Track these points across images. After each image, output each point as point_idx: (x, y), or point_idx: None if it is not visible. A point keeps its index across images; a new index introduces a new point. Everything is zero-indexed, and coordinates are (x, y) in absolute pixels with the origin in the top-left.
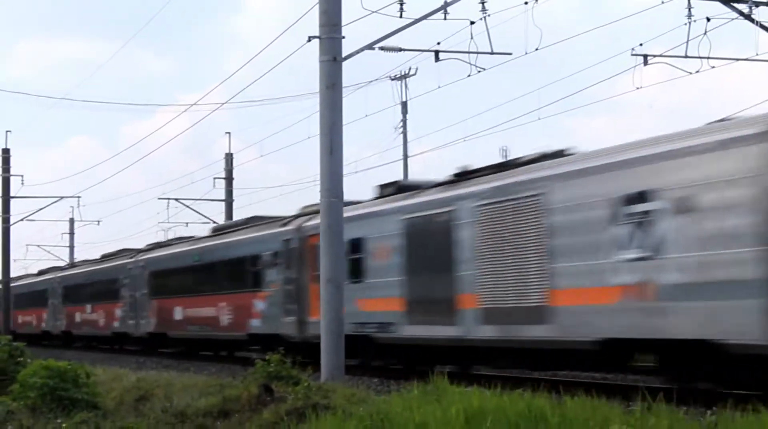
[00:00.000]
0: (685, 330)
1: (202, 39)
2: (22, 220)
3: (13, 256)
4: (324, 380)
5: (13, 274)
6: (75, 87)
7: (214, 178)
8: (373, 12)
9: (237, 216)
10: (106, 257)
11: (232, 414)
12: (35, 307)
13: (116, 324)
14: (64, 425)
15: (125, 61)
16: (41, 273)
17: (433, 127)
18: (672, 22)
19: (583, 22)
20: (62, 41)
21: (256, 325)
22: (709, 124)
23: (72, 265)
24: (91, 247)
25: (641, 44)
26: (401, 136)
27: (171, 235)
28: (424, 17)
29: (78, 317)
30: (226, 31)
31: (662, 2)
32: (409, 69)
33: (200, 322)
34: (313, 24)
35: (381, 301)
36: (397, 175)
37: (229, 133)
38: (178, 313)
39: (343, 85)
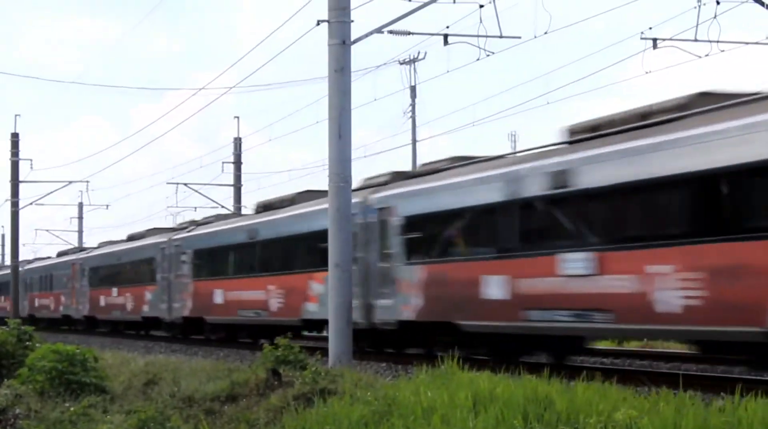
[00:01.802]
0: None
1: (212, 22)
2: (31, 204)
3: (22, 240)
4: (331, 365)
5: (22, 258)
6: (85, 69)
7: (223, 163)
8: None
9: (245, 201)
10: (133, 238)
11: (239, 398)
12: (55, 290)
13: (146, 308)
14: (71, 409)
15: (135, 42)
16: (62, 254)
17: (442, 112)
18: (681, 6)
19: (593, 5)
20: (72, 22)
21: (311, 309)
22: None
23: (98, 245)
24: (100, 232)
25: (650, 28)
26: (410, 120)
27: (180, 220)
28: (433, 0)
29: (103, 301)
30: (235, 15)
31: None
32: (418, 53)
33: (249, 306)
34: (322, 8)
35: None
36: (405, 160)
37: (237, 117)
38: (220, 296)
39: (352, 69)
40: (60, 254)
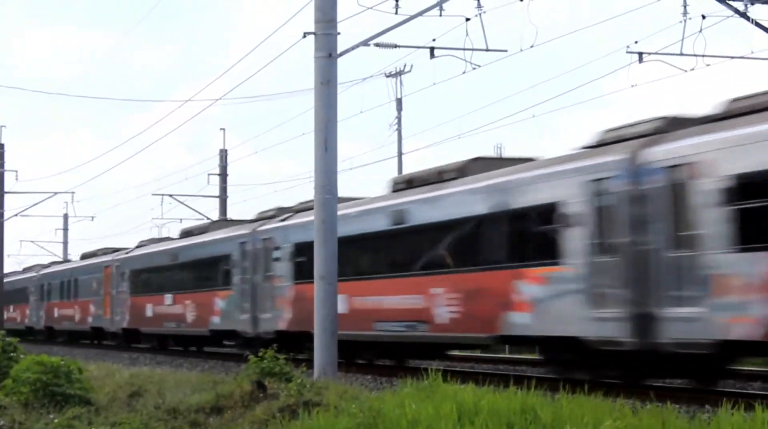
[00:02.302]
0: None
1: (198, 33)
2: (16, 215)
3: (6, 251)
4: (317, 377)
5: (7, 270)
6: (72, 80)
7: (209, 175)
8: (369, 8)
9: (231, 213)
10: (188, 234)
11: (224, 410)
12: (80, 298)
13: (216, 319)
14: (56, 420)
15: (121, 54)
16: (86, 257)
17: (428, 124)
18: (667, 20)
19: (579, 19)
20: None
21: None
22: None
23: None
24: (85, 243)
25: (636, 42)
26: (396, 133)
27: (165, 232)
28: (420, 14)
29: (150, 310)
30: (222, 26)
31: (658, 0)
32: (405, 66)
33: (396, 316)
34: (309, 20)
35: None
36: (391, 173)
37: (223, 129)
38: (345, 304)
39: (339, 81)
40: (85, 256)
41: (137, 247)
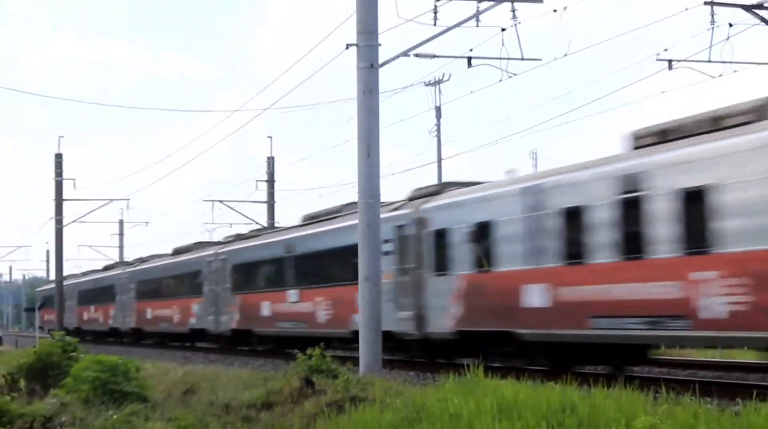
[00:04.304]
0: None
1: (238, 44)
2: (74, 221)
3: (66, 256)
4: (362, 374)
5: (66, 273)
6: (123, 91)
7: (257, 181)
8: (408, 20)
9: (278, 217)
10: (310, 220)
11: (274, 406)
12: (175, 297)
13: (352, 320)
14: (114, 417)
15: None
16: (178, 252)
17: (465, 131)
18: (696, 28)
19: (611, 28)
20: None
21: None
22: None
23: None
24: (141, 247)
25: (666, 50)
26: (435, 139)
27: (216, 236)
28: (457, 25)
29: (266, 309)
30: (260, 38)
31: (686, 9)
32: (443, 75)
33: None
34: (350, 32)
35: None
36: (431, 178)
37: (270, 137)
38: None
39: (380, 90)
40: (177, 252)
41: (236, 239)
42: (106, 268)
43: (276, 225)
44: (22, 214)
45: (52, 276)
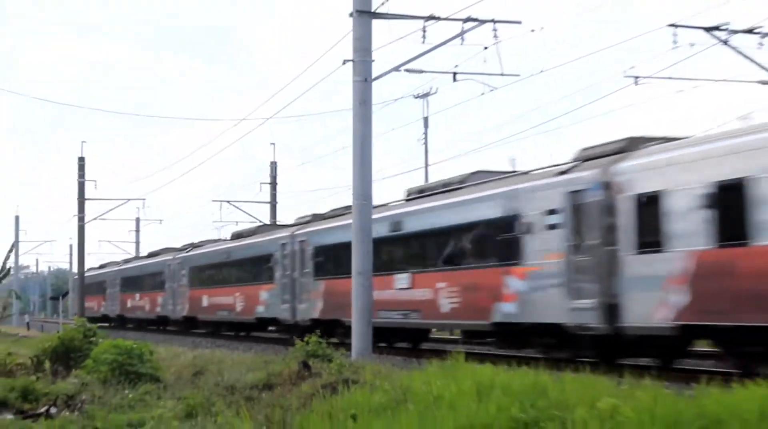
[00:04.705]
0: None
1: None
2: (95, 219)
3: (87, 250)
4: (354, 358)
5: (87, 266)
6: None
7: (261, 183)
8: (399, 38)
9: (279, 217)
10: (419, 193)
11: (275, 387)
12: (238, 283)
13: (495, 309)
14: (130, 395)
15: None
16: (239, 235)
17: (450, 140)
18: (660, 47)
19: (583, 47)
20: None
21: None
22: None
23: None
24: (156, 243)
25: (632, 67)
26: (423, 147)
27: (224, 234)
28: (444, 43)
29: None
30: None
31: (649, 31)
32: (431, 88)
33: None
34: (347, 47)
35: None
36: (419, 182)
37: (273, 144)
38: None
39: (373, 102)
40: (236, 236)
41: (313, 219)
42: (152, 255)
43: (277, 224)
44: (47, 211)
45: (74, 268)
